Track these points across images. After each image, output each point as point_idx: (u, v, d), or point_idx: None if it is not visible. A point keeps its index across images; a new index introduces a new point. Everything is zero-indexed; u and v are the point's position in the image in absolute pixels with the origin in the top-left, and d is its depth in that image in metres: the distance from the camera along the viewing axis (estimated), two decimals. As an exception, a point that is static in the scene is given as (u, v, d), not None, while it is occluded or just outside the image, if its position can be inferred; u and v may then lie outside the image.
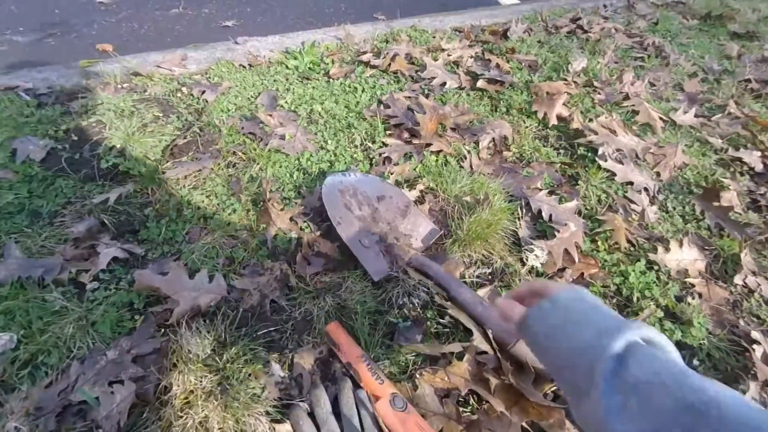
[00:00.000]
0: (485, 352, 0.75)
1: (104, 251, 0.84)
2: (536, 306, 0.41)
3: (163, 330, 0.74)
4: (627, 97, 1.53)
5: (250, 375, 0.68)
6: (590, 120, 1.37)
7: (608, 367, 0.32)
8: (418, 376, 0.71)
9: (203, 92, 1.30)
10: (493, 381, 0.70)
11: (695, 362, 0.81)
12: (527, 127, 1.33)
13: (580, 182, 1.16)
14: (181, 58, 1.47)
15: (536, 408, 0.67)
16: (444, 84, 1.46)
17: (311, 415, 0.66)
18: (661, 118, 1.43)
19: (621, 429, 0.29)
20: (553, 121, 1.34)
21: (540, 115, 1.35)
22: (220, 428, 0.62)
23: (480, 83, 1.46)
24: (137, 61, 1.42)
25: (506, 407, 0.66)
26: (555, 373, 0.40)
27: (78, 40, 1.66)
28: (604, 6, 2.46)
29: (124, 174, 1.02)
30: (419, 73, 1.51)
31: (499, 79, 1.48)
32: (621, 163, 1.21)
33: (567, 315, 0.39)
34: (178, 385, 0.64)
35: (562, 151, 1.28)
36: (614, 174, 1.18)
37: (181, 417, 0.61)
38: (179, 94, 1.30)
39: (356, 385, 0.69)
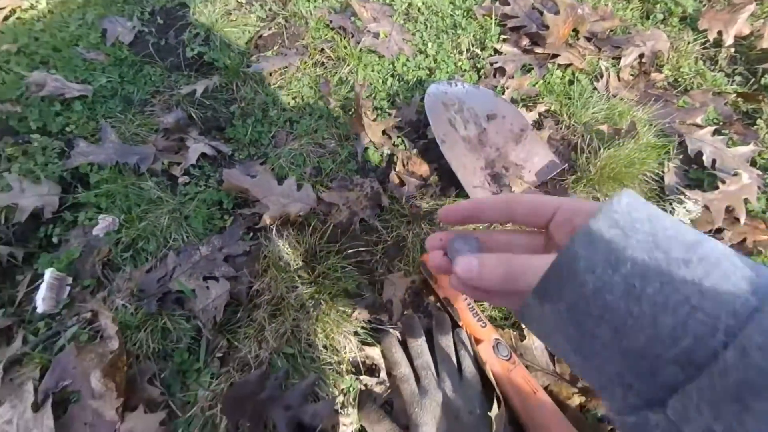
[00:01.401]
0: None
1: (193, 146, 0.80)
2: (551, 266, 0.20)
3: (252, 234, 0.70)
4: None
5: (340, 292, 0.63)
6: (785, 38, 1.00)
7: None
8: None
9: (288, -23, 1.13)
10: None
11: None
12: (690, 42, 1.00)
13: (759, 121, 0.87)
14: (263, -65, 1.28)
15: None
16: (580, -22, 1.13)
17: (403, 344, 0.61)
18: None
19: None
20: (730, 39, 0.99)
21: (711, 30, 1.00)
22: (309, 339, 0.59)
23: (630, -22, 1.11)
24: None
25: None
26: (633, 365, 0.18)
27: None
28: None
29: (209, 65, 0.94)
30: (547, -38, 1.17)
31: (658, -27, 1.11)
32: (826, 100, 0.89)
33: (632, 270, 0.18)
34: (270, 291, 0.61)
35: (737, 77, 0.96)
36: (812, 115, 0.87)
37: (273, 322, 0.59)
38: (262, -21, 1.14)
39: (454, 324, 0.62)
